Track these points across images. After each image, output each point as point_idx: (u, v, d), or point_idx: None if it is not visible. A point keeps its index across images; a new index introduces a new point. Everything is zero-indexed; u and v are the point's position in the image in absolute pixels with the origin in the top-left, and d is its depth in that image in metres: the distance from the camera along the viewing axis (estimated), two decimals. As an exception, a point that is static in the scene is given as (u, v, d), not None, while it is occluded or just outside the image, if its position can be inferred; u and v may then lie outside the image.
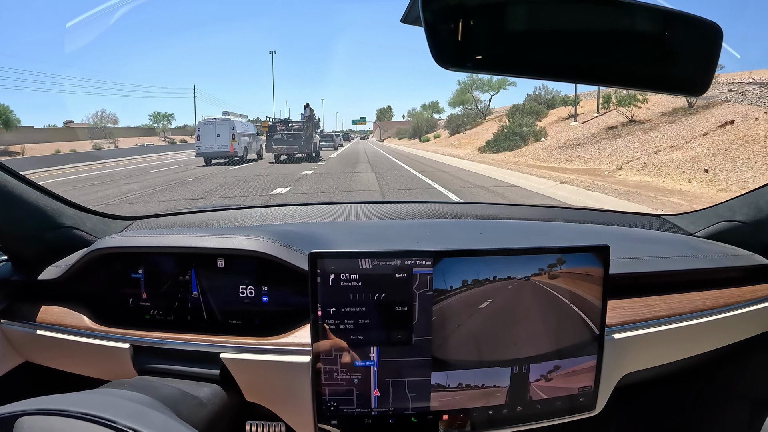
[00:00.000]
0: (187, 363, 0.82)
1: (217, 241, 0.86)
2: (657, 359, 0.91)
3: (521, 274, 0.73)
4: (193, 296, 0.89)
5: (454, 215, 1.34)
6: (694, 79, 0.76)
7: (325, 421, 0.73)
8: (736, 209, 1.10)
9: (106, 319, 0.89)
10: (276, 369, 0.78)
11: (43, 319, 0.90)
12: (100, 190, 9.98)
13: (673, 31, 0.73)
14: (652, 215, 1.32)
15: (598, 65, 0.74)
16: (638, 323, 0.86)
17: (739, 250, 1.06)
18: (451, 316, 0.72)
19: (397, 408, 0.73)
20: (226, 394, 0.80)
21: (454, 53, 0.66)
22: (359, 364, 0.71)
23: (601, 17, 0.72)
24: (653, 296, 0.93)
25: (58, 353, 0.91)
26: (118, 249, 0.89)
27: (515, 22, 0.68)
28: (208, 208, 1.35)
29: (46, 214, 0.94)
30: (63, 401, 0.55)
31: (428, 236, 1.09)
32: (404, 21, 0.77)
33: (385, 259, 0.70)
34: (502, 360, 0.74)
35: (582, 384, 0.78)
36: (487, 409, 0.75)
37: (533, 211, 1.37)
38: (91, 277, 0.92)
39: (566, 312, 0.75)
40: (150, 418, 0.56)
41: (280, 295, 0.88)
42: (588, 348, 0.77)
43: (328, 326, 0.70)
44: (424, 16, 0.64)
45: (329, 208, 1.31)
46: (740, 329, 0.96)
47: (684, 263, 0.99)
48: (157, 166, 17.53)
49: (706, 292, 0.95)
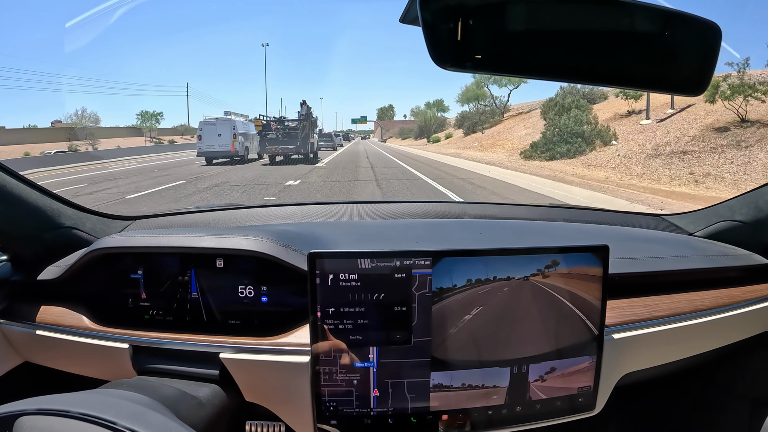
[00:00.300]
0: (187, 363, 0.82)
1: (216, 241, 0.86)
2: (657, 359, 0.90)
3: (521, 274, 0.73)
4: (193, 296, 0.89)
5: (454, 215, 1.34)
6: (693, 79, 0.76)
7: (325, 422, 0.73)
8: (735, 209, 1.10)
9: (106, 319, 0.89)
10: (275, 369, 0.78)
11: (42, 319, 0.90)
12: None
13: (673, 31, 0.73)
14: (651, 215, 1.32)
15: (598, 65, 0.74)
16: (638, 323, 0.86)
17: (739, 250, 1.06)
18: (450, 317, 0.72)
19: (396, 408, 0.73)
20: (226, 395, 0.80)
21: (453, 53, 0.66)
22: (358, 364, 0.71)
23: (601, 17, 0.72)
24: (653, 296, 0.93)
25: (57, 353, 0.91)
26: (118, 249, 0.89)
27: (515, 22, 0.68)
28: (207, 208, 1.35)
29: (45, 214, 0.94)
30: (63, 401, 0.55)
31: (428, 236, 1.09)
32: (403, 21, 0.77)
33: (385, 259, 0.70)
34: (501, 360, 0.74)
35: (581, 384, 0.78)
36: (486, 410, 0.75)
37: (533, 210, 1.37)
38: (91, 277, 0.92)
39: (566, 312, 0.75)
40: (149, 419, 0.55)
41: (280, 295, 0.88)
42: (587, 348, 0.77)
43: (327, 326, 0.70)
44: (423, 16, 0.64)
45: (329, 208, 1.31)
46: (740, 329, 0.96)
47: (684, 263, 0.99)
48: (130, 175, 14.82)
49: (706, 292, 0.95)
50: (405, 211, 1.34)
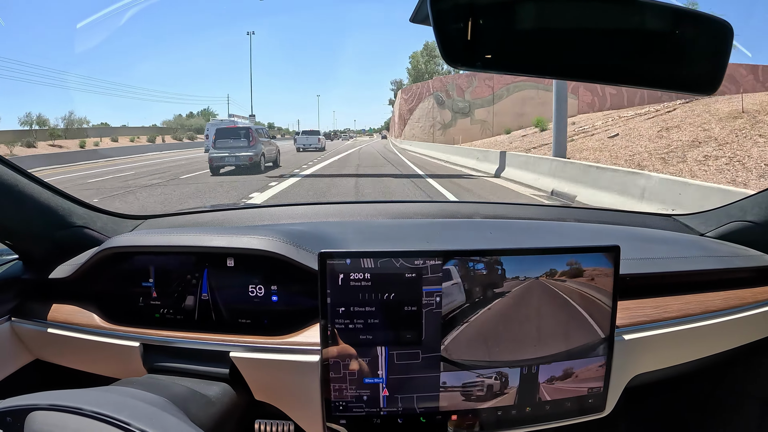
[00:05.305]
0: (197, 362, 0.82)
1: (226, 241, 0.86)
2: (667, 361, 0.90)
3: (531, 274, 0.72)
4: (203, 295, 0.89)
5: (465, 215, 1.33)
6: (705, 78, 0.75)
7: (334, 421, 0.73)
8: (747, 209, 1.09)
9: (117, 317, 0.89)
10: (285, 368, 0.78)
11: (53, 318, 0.91)
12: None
13: (684, 30, 0.73)
14: (662, 215, 1.31)
15: (609, 64, 0.73)
16: (648, 324, 0.86)
17: (750, 251, 1.05)
18: (460, 317, 0.72)
19: (405, 408, 0.73)
20: (235, 393, 0.80)
21: (463, 52, 0.66)
22: (368, 364, 0.71)
23: (612, 16, 0.72)
24: (663, 297, 0.92)
25: (68, 351, 0.92)
26: (129, 248, 0.90)
27: (525, 21, 0.68)
28: (218, 207, 1.35)
29: (56, 214, 0.95)
30: (75, 398, 0.55)
31: (438, 236, 1.09)
32: (413, 20, 0.77)
33: (395, 258, 0.70)
34: (511, 360, 0.74)
35: (591, 385, 0.77)
36: (496, 410, 0.75)
37: (544, 210, 1.36)
38: (102, 276, 0.93)
39: (576, 313, 0.75)
40: (165, 423, 0.55)
41: (290, 294, 0.88)
42: (598, 349, 0.76)
43: (337, 326, 0.70)
44: (433, 16, 0.64)
45: (339, 208, 1.31)
46: (751, 331, 0.95)
47: (695, 264, 0.98)
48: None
49: (717, 293, 0.94)
50: (415, 211, 1.33)
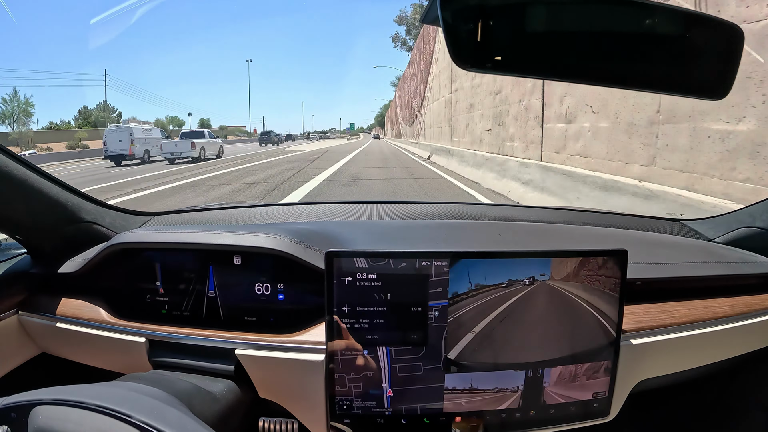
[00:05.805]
0: (202, 358, 0.82)
1: (234, 238, 0.87)
2: (673, 366, 0.89)
3: (538, 277, 0.72)
4: (210, 292, 0.90)
5: (472, 216, 1.33)
6: (716, 82, 0.75)
7: (338, 420, 0.73)
8: (756, 215, 1.08)
9: (123, 312, 0.90)
10: (290, 366, 0.79)
11: (61, 312, 0.91)
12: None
13: (694, 33, 0.72)
14: (671, 220, 1.30)
15: (618, 67, 0.73)
16: (655, 329, 0.85)
17: (759, 257, 1.04)
18: (466, 318, 0.71)
19: (409, 409, 0.73)
20: (240, 390, 0.80)
21: (473, 54, 0.66)
22: (373, 364, 0.72)
23: (621, 19, 0.72)
24: (671, 302, 0.91)
25: (74, 345, 0.92)
26: (137, 244, 0.90)
27: (535, 23, 0.68)
28: (226, 205, 1.36)
29: (65, 209, 0.96)
30: (79, 392, 0.56)
31: (445, 237, 1.09)
32: (423, 21, 0.77)
33: (402, 259, 0.69)
34: (516, 363, 0.74)
35: (596, 389, 0.77)
36: (500, 413, 0.74)
37: (552, 213, 1.35)
38: (110, 272, 0.93)
39: (582, 316, 0.74)
40: (166, 415, 0.56)
41: (296, 293, 0.88)
42: (603, 353, 0.76)
43: (343, 325, 0.71)
44: (443, 17, 0.64)
45: (346, 207, 1.32)
46: (759, 338, 0.94)
47: (703, 269, 0.97)
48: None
49: (725, 299, 0.94)
50: (423, 212, 1.33)
